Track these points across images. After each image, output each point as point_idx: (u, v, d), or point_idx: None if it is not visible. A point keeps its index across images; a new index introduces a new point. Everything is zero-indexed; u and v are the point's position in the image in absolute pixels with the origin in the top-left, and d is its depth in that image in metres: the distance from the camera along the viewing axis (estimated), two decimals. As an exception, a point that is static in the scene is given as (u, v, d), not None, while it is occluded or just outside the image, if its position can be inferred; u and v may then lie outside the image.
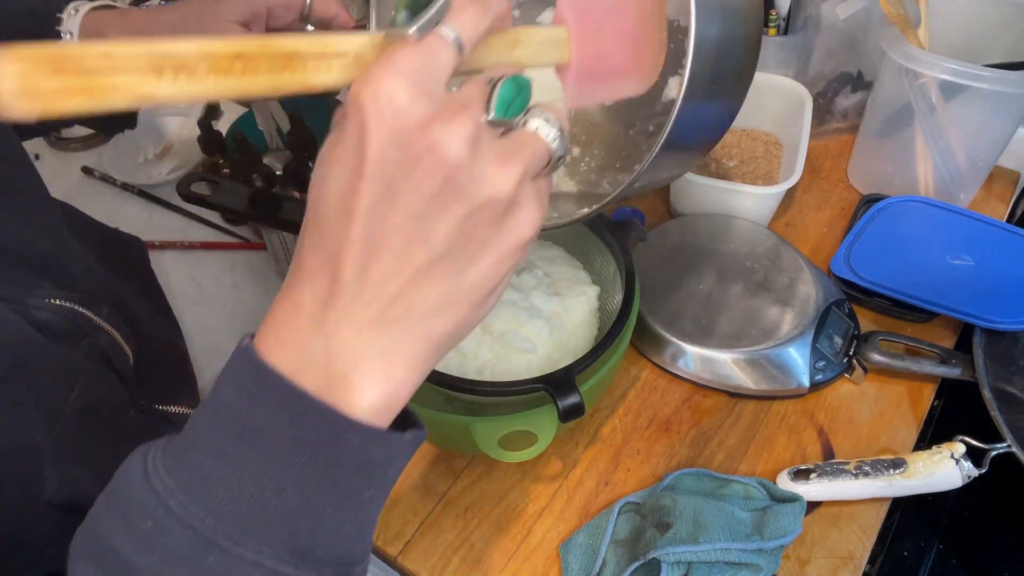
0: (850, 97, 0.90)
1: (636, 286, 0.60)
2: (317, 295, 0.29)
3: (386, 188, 0.27)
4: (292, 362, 0.29)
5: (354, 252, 0.28)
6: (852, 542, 0.59)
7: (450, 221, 0.28)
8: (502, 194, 0.29)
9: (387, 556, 0.59)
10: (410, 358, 0.30)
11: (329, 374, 0.29)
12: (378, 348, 0.29)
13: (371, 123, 0.27)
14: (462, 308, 0.30)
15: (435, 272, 0.29)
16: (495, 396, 0.55)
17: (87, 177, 0.94)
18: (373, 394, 0.29)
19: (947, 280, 0.71)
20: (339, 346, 0.29)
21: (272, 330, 0.30)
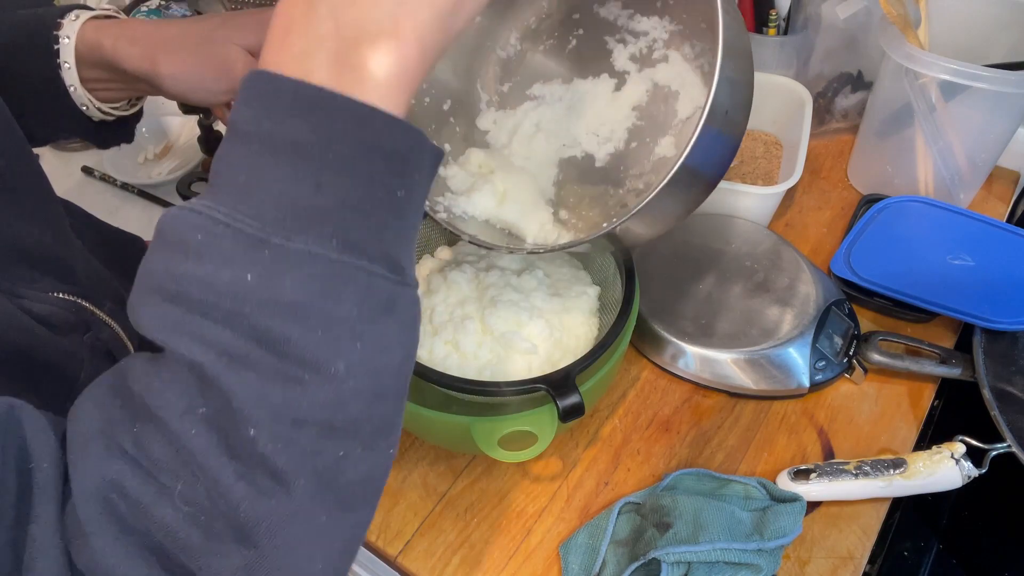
0: (850, 97, 0.90)
1: (636, 286, 0.60)
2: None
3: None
4: (297, 57, 0.29)
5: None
6: (852, 542, 0.59)
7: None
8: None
9: (387, 556, 0.59)
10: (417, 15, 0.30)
11: (336, 56, 0.29)
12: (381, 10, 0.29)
13: None
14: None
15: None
16: (495, 396, 0.55)
17: (87, 177, 0.94)
18: (385, 66, 0.29)
19: (947, 280, 0.71)
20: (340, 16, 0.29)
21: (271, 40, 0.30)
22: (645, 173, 0.59)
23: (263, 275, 0.28)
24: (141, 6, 1.09)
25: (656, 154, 0.59)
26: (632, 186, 0.60)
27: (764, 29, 0.85)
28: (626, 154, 0.61)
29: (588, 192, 0.61)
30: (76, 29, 0.53)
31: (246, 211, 0.29)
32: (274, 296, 0.28)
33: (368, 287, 0.30)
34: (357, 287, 0.29)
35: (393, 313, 0.31)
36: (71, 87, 0.54)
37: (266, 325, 0.28)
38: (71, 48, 0.53)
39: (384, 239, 0.31)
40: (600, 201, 0.60)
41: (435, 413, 0.55)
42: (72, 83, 0.54)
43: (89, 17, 0.54)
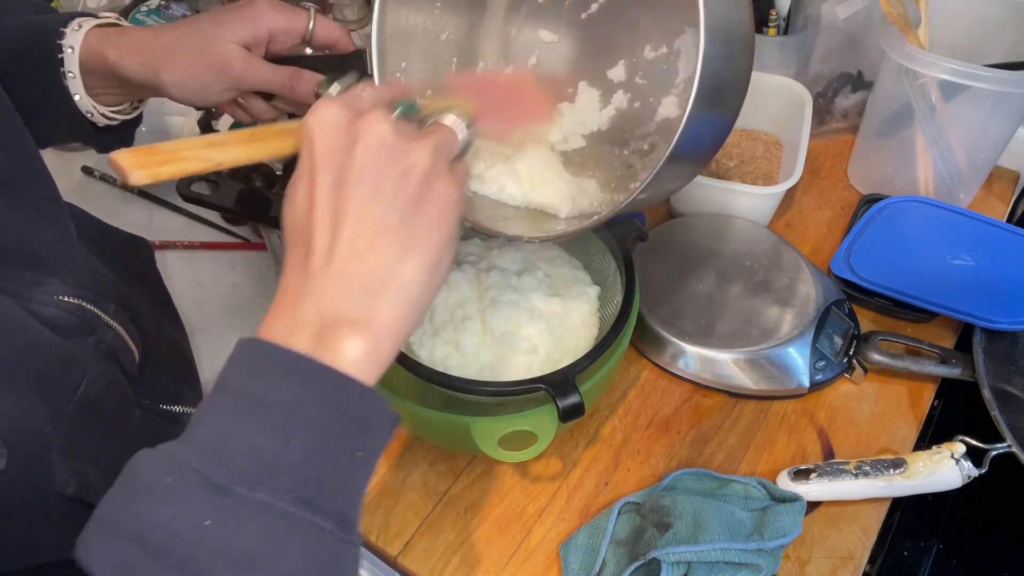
0: (850, 97, 0.90)
1: (636, 286, 0.60)
2: (299, 275, 0.35)
3: (336, 170, 0.35)
4: (283, 330, 0.34)
5: (322, 227, 0.35)
6: (852, 542, 0.59)
7: (390, 181, 0.35)
8: (422, 161, 0.36)
9: (387, 556, 0.59)
10: (389, 310, 0.35)
11: (317, 334, 0.33)
12: (358, 303, 0.34)
13: (315, 134, 0.35)
14: (421, 255, 0.36)
15: (389, 224, 0.35)
16: (495, 396, 0.55)
17: (87, 177, 0.94)
18: (358, 349, 0.33)
19: (947, 280, 0.71)
20: (323, 306, 0.34)
21: (266, 320, 0.35)
22: (649, 133, 0.59)
23: (222, 523, 0.30)
24: (141, 6, 1.09)
25: (660, 114, 0.58)
26: (636, 146, 0.59)
27: (764, 29, 0.85)
28: (629, 114, 0.60)
29: (592, 154, 0.61)
30: (80, 40, 0.53)
31: (216, 459, 0.31)
32: (229, 544, 0.30)
33: (319, 542, 0.31)
34: (308, 541, 0.31)
35: (336, 570, 0.32)
36: (76, 95, 0.55)
37: (216, 573, 0.29)
38: (75, 59, 0.53)
39: (338, 496, 0.33)
40: (605, 163, 0.60)
41: (435, 413, 0.55)
42: (77, 92, 0.55)
43: (92, 26, 0.54)
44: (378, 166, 0.35)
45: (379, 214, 0.35)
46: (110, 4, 1.16)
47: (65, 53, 0.53)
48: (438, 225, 0.36)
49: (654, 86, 0.59)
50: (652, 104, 0.59)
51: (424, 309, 0.37)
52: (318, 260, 0.35)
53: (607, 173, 0.59)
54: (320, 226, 0.35)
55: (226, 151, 0.39)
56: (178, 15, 1.08)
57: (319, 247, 0.35)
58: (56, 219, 0.51)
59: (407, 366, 0.55)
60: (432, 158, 0.36)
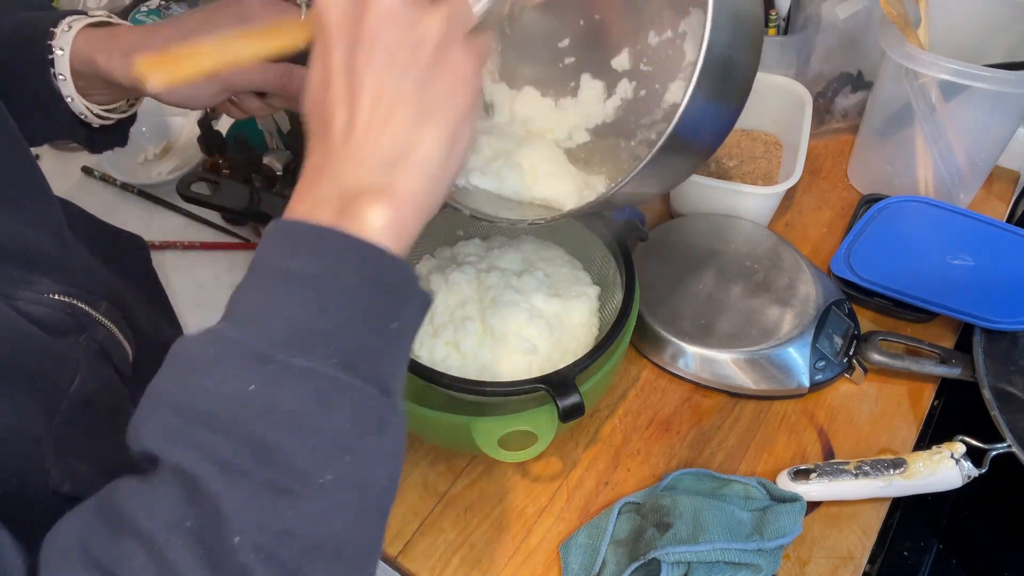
0: (850, 97, 0.90)
1: (636, 286, 0.60)
2: (319, 154, 0.35)
3: (348, 44, 0.34)
4: (307, 208, 0.34)
5: (338, 101, 0.35)
6: (852, 542, 0.59)
7: (403, 50, 0.34)
8: (435, 28, 0.35)
9: (387, 556, 0.59)
10: (410, 180, 0.35)
11: (340, 206, 0.34)
12: (378, 176, 0.34)
13: (327, 10, 0.35)
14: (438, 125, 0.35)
15: (404, 94, 0.34)
16: (495, 396, 0.55)
17: (87, 177, 0.94)
18: (382, 218, 0.34)
19: (947, 280, 0.71)
20: (343, 183, 0.34)
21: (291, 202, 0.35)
22: (656, 122, 0.57)
23: (266, 387, 0.31)
24: (141, 6, 1.09)
25: (666, 100, 0.57)
26: (644, 136, 0.58)
27: (764, 30, 0.85)
28: (635, 103, 0.59)
29: (599, 147, 0.59)
30: (69, 41, 0.52)
31: (257, 332, 0.32)
32: (274, 406, 0.30)
33: (361, 405, 0.32)
34: (351, 403, 0.32)
35: (383, 433, 0.33)
36: (68, 97, 0.54)
37: (262, 433, 0.30)
38: (65, 60, 0.53)
39: (378, 363, 0.33)
40: (612, 155, 0.59)
41: (435, 413, 0.55)
42: (69, 94, 0.54)
43: (82, 26, 0.53)
44: (390, 34, 0.34)
45: (393, 84, 0.34)
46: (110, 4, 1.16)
47: (55, 55, 0.52)
48: (454, 96, 0.36)
49: (660, 72, 0.57)
50: (658, 91, 0.57)
51: (445, 184, 0.36)
52: (337, 136, 0.35)
53: (615, 166, 0.58)
54: (336, 100, 0.35)
55: (242, 45, 0.38)
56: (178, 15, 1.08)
57: (337, 122, 0.35)
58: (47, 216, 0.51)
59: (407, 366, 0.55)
60: (445, 26, 0.35)
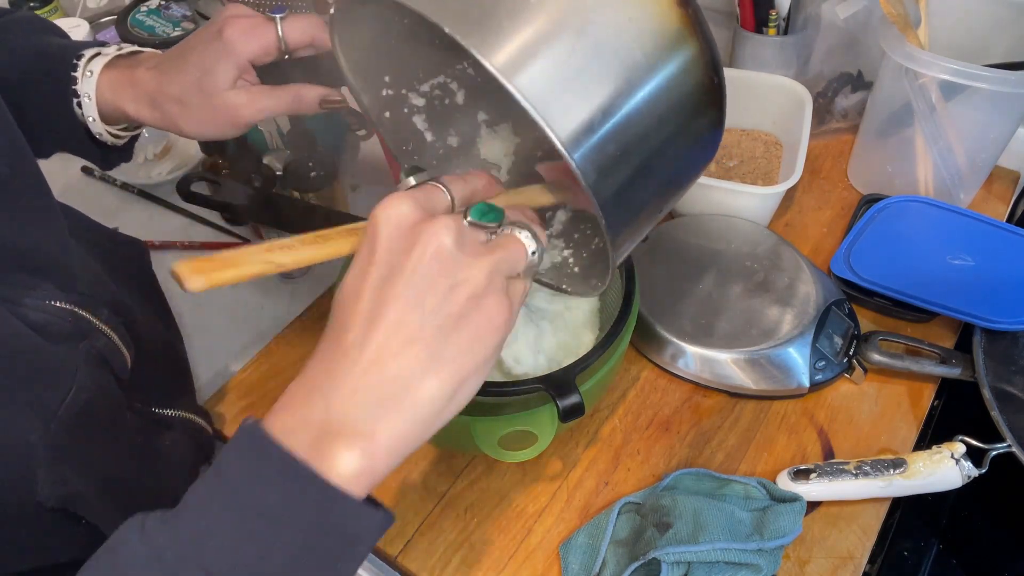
0: (850, 97, 0.90)
1: (636, 286, 0.60)
2: (323, 365, 0.34)
3: (388, 269, 0.34)
4: (288, 423, 0.33)
5: (359, 320, 0.34)
6: (852, 542, 0.59)
7: (437, 292, 0.34)
8: (477, 278, 0.35)
9: (387, 556, 0.59)
10: (396, 424, 0.34)
11: (317, 436, 0.33)
12: (366, 414, 0.33)
13: (380, 225, 0.35)
14: (445, 376, 0.34)
15: (423, 335, 0.34)
16: (495, 396, 0.55)
17: (87, 177, 0.94)
18: (354, 463, 0.33)
19: (947, 280, 0.71)
20: (333, 409, 0.33)
21: (280, 402, 0.35)
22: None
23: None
24: (141, 6, 1.09)
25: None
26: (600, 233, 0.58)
27: (764, 29, 0.85)
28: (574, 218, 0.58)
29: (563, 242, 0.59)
30: (94, 87, 0.55)
31: (196, 560, 0.31)
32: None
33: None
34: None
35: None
36: (99, 134, 0.57)
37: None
38: (93, 106, 0.55)
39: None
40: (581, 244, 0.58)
41: (435, 413, 0.55)
42: (99, 131, 0.57)
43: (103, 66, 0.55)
44: (430, 275, 0.34)
45: (416, 323, 0.34)
46: (110, 4, 1.16)
47: (83, 101, 0.55)
48: (473, 346, 0.35)
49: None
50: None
51: (433, 431, 0.35)
52: (343, 355, 0.34)
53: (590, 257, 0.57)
54: (356, 318, 0.34)
55: (288, 254, 0.38)
56: (178, 15, 1.08)
57: (350, 341, 0.34)
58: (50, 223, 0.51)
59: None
60: (488, 278, 0.35)
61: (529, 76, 0.35)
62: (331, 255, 0.39)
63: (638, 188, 0.40)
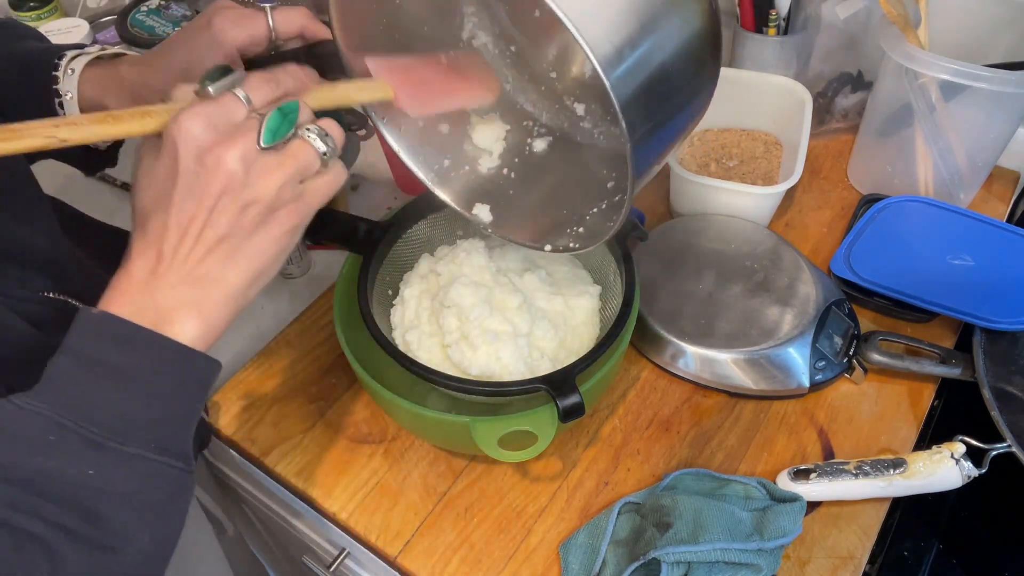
0: (850, 97, 0.90)
1: (636, 286, 0.60)
2: (145, 266, 0.41)
3: (188, 190, 0.40)
4: (130, 310, 0.40)
5: (171, 234, 0.40)
6: (852, 542, 0.59)
7: (228, 212, 0.40)
8: (264, 196, 0.41)
9: (387, 556, 0.59)
10: (216, 302, 0.42)
11: (158, 318, 0.40)
12: (191, 297, 0.41)
13: (178, 147, 0.39)
14: (244, 272, 0.42)
15: (223, 245, 0.41)
16: (495, 396, 0.55)
17: (87, 177, 0.94)
18: (192, 329, 0.41)
19: (947, 280, 0.71)
20: (162, 299, 0.40)
21: (110, 298, 0.40)
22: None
23: (102, 470, 0.38)
24: (141, 6, 1.09)
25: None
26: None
27: (764, 29, 0.85)
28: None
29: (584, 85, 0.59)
30: (75, 84, 0.55)
31: (89, 419, 0.38)
32: (109, 486, 0.38)
33: (173, 479, 0.41)
34: (166, 480, 0.41)
35: (183, 496, 0.42)
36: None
37: (100, 509, 0.38)
38: (74, 103, 0.55)
39: (185, 442, 0.42)
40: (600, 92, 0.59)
41: (435, 413, 0.55)
42: None
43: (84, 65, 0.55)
44: (224, 198, 0.40)
45: (213, 236, 0.40)
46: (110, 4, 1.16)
47: (64, 99, 0.54)
48: (266, 247, 0.42)
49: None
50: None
51: (248, 299, 0.43)
52: (159, 259, 0.40)
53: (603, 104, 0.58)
54: (169, 232, 0.40)
55: (74, 130, 0.39)
56: (178, 15, 1.08)
57: (166, 251, 0.40)
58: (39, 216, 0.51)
59: (407, 366, 0.55)
60: (276, 193, 0.41)
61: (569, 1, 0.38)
62: (118, 134, 0.41)
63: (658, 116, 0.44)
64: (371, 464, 0.64)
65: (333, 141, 0.43)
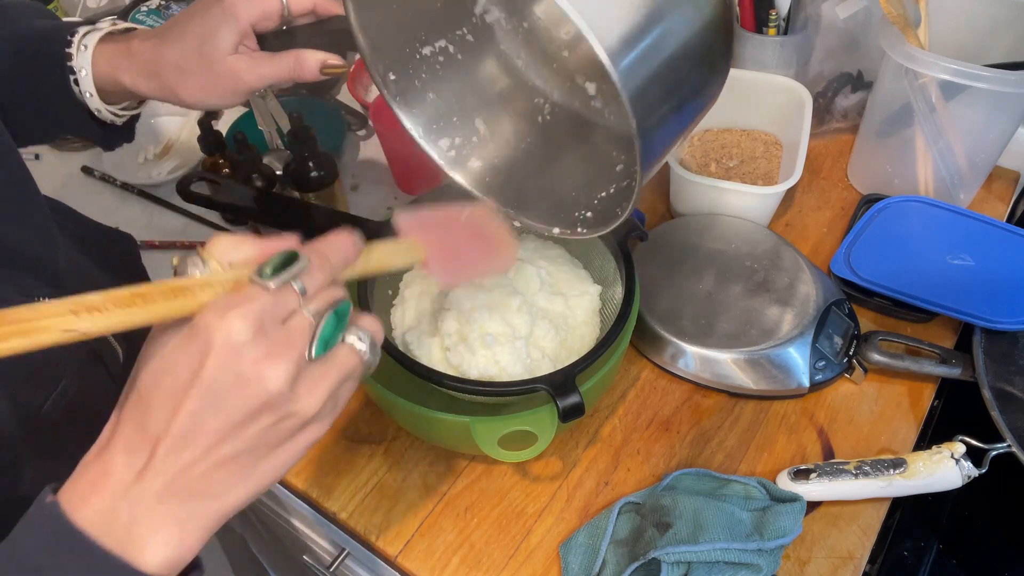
0: (850, 97, 0.90)
1: (636, 286, 0.60)
2: (131, 467, 0.33)
3: (213, 400, 0.32)
4: (96, 521, 0.33)
5: (172, 441, 0.33)
6: (852, 542, 0.59)
7: (260, 426, 0.34)
8: (307, 412, 0.35)
9: (387, 556, 0.59)
10: (202, 525, 0.34)
11: (129, 536, 0.33)
12: (176, 517, 0.34)
13: (215, 350, 0.32)
14: (252, 488, 0.35)
15: (238, 462, 0.34)
16: (495, 396, 0.55)
17: (87, 177, 0.94)
18: (165, 554, 0.33)
19: (947, 280, 0.71)
20: (140, 512, 0.33)
21: (79, 488, 0.34)
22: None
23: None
24: (141, 6, 1.09)
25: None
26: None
27: (764, 29, 0.85)
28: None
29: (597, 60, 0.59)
30: (89, 61, 0.54)
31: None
32: None
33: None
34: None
35: None
36: (96, 110, 0.56)
37: None
38: (89, 79, 0.54)
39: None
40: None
41: (435, 413, 0.55)
42: (97, 107, 0.56)
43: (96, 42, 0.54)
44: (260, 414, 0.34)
45: (231, 452, 0.34)
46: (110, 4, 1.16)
47: (79, 75, 0.54)
48: (285, 462, 0.36)
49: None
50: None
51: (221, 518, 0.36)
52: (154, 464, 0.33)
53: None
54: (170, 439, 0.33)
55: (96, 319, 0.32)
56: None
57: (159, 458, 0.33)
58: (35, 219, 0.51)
59: (407, 366, 0.55)
60: (320, 405, 0.35)
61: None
62: (147, 320, 0.33)
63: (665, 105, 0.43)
64: (371, 464, 0.64)
65: (374, 340, 0.38)
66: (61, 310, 0.31)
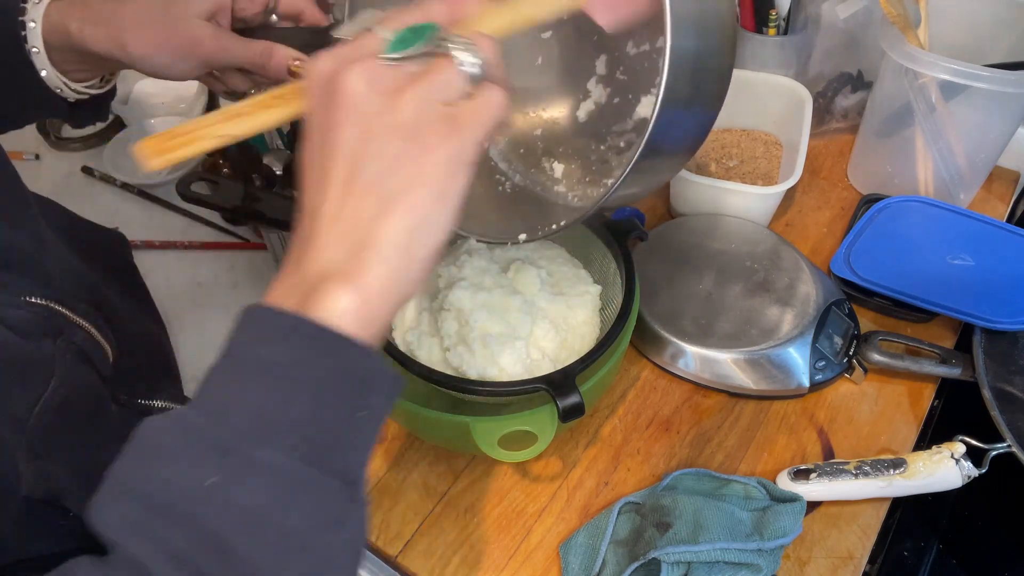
0: (850, 97, 0.90)
1: (636, 286, 0.60)
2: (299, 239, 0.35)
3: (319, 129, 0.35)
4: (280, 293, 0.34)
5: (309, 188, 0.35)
6: (852, 542, 0.59)
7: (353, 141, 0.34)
8: (398, 118, 0.34)
9: (387, 556, 0.59)
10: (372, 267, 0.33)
11: (306, 292, 0.33)
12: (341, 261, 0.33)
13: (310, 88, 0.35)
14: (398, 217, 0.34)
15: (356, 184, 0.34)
16: (495, 396, 0.55)
17: (87, 177, 0.94)
18: (346, 304, 0.32)
19: (947, 280, 0.71)
20: (309, 268, 0.33)
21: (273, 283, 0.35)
22: (627, 131, 0.58)
23: (224, 480, 0.30)
24: None
25: (637, 113, 0.57)
26: (613, 143, 0.59)
27: (764, 29, 0.85)
28: (607, 109, 0.59)
29: (570, 145, 0.60)
30: (41, 12, 0.51)
31: (222, 420, 0.31)
32: (231, 501, 0.29)
33: (322, 500, 0.31)
34: (312, 498, 0.31)
35: (342, 529, 0.32)
36: (43, 71, 0.53)
37: (218, 530, 0.29)
38: (38, 32, 0.51)
39: (341, 454, 0.32)
40: (582, 155, 0.60)
41: (435, 413, 0.55)
42: (43, 67, 0.52)
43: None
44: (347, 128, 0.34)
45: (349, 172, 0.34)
46: None
47: (28, 28, 0.51)
48: (418, 180, 0.34)
49: (634, 83, 0.58)
50: (631, 101, 0.58)
51: (414, 272, 0.35)
52: (308, 219, 0.35)
53: (583, 166, 0.59)
54: (311, 183, 0.35)
55: (243, 122, 0.36)
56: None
57: (309, 205, 0.35)
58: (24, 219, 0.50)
59: (407, 366, 0.55)
60: (414, 112, 0.34)
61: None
62: (290, 116, 0.37)
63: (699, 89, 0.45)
64: (371, 464, 0.64)
65: (483, 54, 0.35)
66: (215, 120, 0.36)
